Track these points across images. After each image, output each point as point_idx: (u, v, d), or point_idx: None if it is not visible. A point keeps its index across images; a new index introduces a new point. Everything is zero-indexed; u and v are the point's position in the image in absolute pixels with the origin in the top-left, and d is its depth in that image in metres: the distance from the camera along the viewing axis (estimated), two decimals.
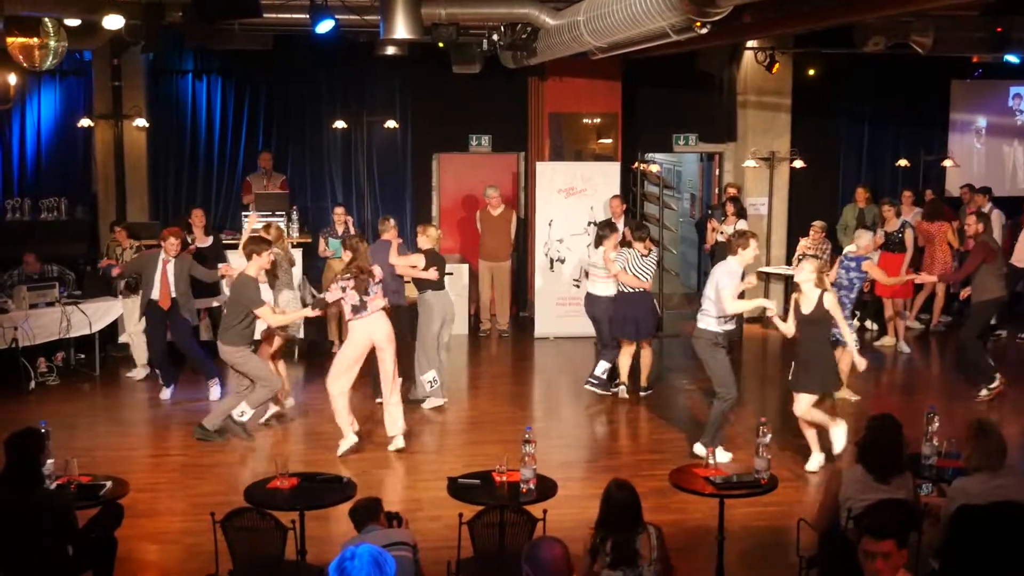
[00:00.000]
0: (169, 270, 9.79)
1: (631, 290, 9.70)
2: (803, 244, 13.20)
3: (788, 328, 7.94)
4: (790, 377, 8.03)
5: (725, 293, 7.97)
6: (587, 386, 10.07)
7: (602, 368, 10.03)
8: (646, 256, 9.73)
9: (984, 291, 10.07)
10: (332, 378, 8.35)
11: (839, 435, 8.07)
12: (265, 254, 8.58)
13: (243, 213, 12.27)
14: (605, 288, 10.03)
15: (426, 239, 9.64)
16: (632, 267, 9.66)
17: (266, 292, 9.08)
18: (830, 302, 7.78)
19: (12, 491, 5.05)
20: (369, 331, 8.30)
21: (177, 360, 10.21)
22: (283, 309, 9.39)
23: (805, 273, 7.82)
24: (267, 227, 10.01)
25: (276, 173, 13.39)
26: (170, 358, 10.09)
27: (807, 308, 7.79)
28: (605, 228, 10.15)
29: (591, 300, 10.22)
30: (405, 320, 9.62)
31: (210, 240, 11.36)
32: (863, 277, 9.71)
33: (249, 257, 8.58)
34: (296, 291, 10.52)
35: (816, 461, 8.06)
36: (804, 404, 7.96)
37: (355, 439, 8.41)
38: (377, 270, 8.47)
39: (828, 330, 8.01)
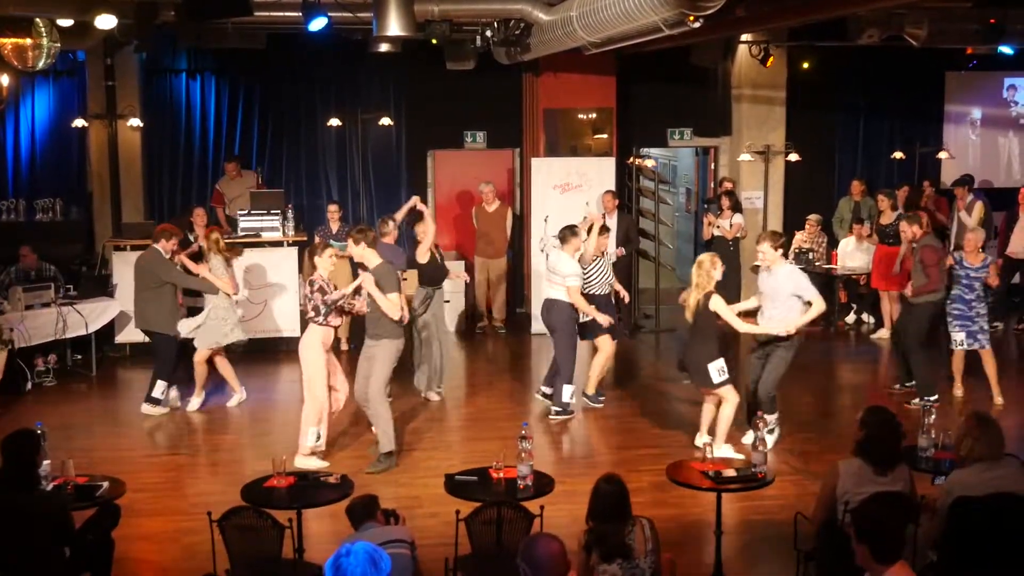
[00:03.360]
0: None
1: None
2: (799, 238, 13.26)
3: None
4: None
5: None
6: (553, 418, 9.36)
7: (568, 392, 9.37)
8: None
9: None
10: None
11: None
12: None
13: (239, 212, 12.22)
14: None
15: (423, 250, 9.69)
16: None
17: None
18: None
19: (8, 492, 5.04)
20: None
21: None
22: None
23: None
24: (210, 231, 9.93)
25: (246, 172, 13.28)
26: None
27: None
28: (566, 231, 9.37)
29: (554, 306, 9.24)
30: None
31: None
32: (980, 277, 9.46)
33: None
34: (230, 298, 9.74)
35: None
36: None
37: None
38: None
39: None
